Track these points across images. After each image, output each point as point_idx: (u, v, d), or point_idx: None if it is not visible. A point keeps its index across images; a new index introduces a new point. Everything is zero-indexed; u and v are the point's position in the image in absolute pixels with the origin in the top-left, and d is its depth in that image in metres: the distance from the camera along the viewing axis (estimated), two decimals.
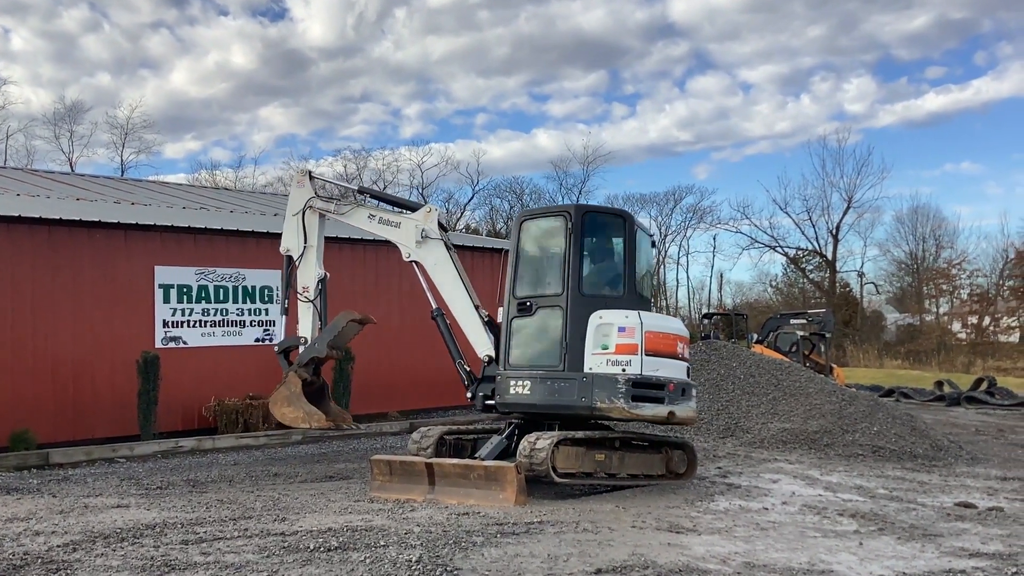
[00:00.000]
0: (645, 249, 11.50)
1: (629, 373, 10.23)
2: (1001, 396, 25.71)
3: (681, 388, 10.64)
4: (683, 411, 10.63)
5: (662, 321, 11.15)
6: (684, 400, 10.68)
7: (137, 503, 10.04)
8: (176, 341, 16.39)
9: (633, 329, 10.35)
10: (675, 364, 10.75)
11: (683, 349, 10.94)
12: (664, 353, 10.56)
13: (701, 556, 7.43)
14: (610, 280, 11.07)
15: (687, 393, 10.75)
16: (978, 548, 8.10)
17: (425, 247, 12.10)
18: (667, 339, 10.66)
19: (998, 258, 53.59)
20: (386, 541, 7.65)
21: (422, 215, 12.22)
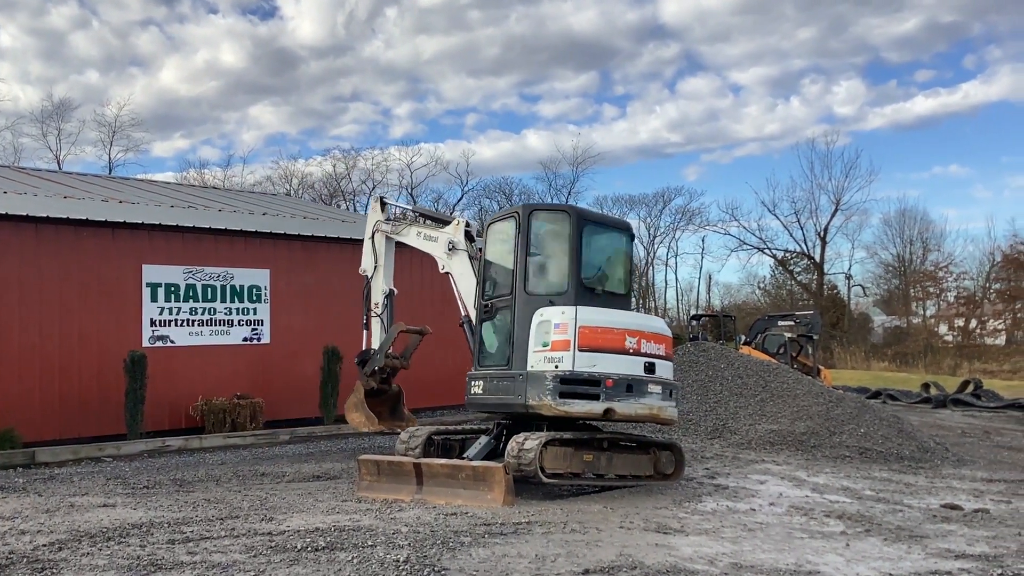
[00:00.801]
0: (603, 244, 11.34)
1: (560, 369, 10.21)
2: (987, 398, 25.86)
3: (626, 384, 10.36)
4: (626, 408, 10.33)
5: (606, 316, 10.65)
6: (630, 396, 10.36)
7: (124, 502, 9.99)
8: (163, 340, 16.33)
9: (566, 325, 10.34)
10: (619, 359, 10.45)
11: (636, 344, 10.57)
12: (604, 348, 10.39)
13: (688, 557, 7.44)
14: (556, 277, 11.03)
15: (637, 389, 10.43)
16: (964, 549, 8.14)
17: (454, 258, 12.51)
18: (607, 334, 10.46)
19: (985, 261, 53.94)
20: (374, 541, 7.64)
21: (452, 228, 12.67)
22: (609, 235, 11.47)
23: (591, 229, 11.11)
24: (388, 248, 13.96)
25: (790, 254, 58.27)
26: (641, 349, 10.66)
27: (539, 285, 10.97)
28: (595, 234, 11.18)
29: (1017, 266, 49.71)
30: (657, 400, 10.70)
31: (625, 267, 11.55)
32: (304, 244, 18.50)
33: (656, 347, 10.87)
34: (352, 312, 18.91)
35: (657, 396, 10.72)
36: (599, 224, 11.41)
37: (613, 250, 11.50)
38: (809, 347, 26.85)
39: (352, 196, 64.48)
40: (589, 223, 11.15)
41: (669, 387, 10.94)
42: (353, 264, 19.25)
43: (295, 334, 18.05)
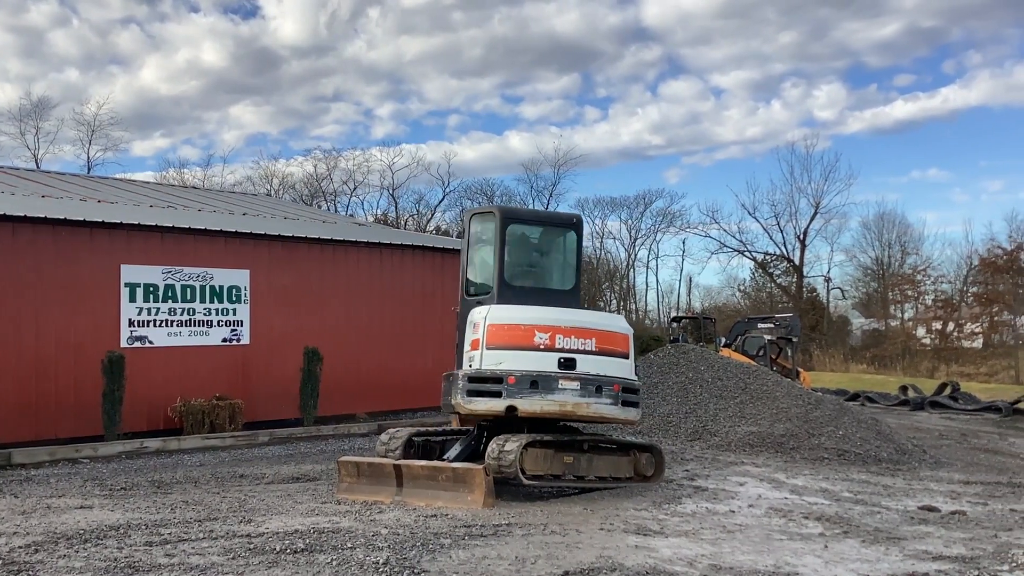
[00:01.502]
0: (537, 241, 11.31)
1: (472, 368, 10.43)
2: (964, 401, 26.06)
3: (530, 380, 10.26)
4: (529, 405, 10.22)
5: (519, 313, 10.56)
6: (535, 393, 10.24)
7: (101, 504, 9.93)
8: (142, 341, 16.21)
9: (478, 324, 10.55)
10: (527, 356, 10.38)
11: (548, 339, 10.39)
12: (510, 345, 10.37)
13: (668, 558, 7.46)
14: (485, 278, 11.17)
15: (544, 385, 10.27)
16: (941, 551, 8.20)
17: None
18: (514, 331, 10.42)
19: (962, 265, 54.22)
20: (353, 543, 7.62)
21: None
22: (545, 232, 11.43)
23: (519, 227, 11.19)
24: None
25: (770, 257, 58.52)
26: (555, 344, 10.45)
27: (473, 287, 11.27)
28: (525, 232, 11.24)
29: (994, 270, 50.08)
30: (573, 396, 10.37)
31: (567, 262, 11.33)
32: (284, 244, 18.43)
33: (580, 342, 10.53)
34: (333, 312, 18.91)
35: (573, 392, 10.37)
36: (531, 222, 11.47)
37: (551, 246, 11.40)
38: (788, 349, 26.98)
39: (333, 196, 64.24)
40: (515, 222, 11.24)
41: (595, 383, 10.45)
42: (334, 264, 19.27)
43: (275, 335, 17.97)
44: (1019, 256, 50.05)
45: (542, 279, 11.35)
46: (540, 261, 11.39)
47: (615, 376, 10.68)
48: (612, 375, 10.65)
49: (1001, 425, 22.29)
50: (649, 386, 17.39)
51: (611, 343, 10.75)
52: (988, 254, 50.97)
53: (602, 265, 64.04)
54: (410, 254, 20.70)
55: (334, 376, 18.07)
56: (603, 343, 10.69)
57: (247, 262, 17.73)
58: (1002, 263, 49.30)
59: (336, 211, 58.83)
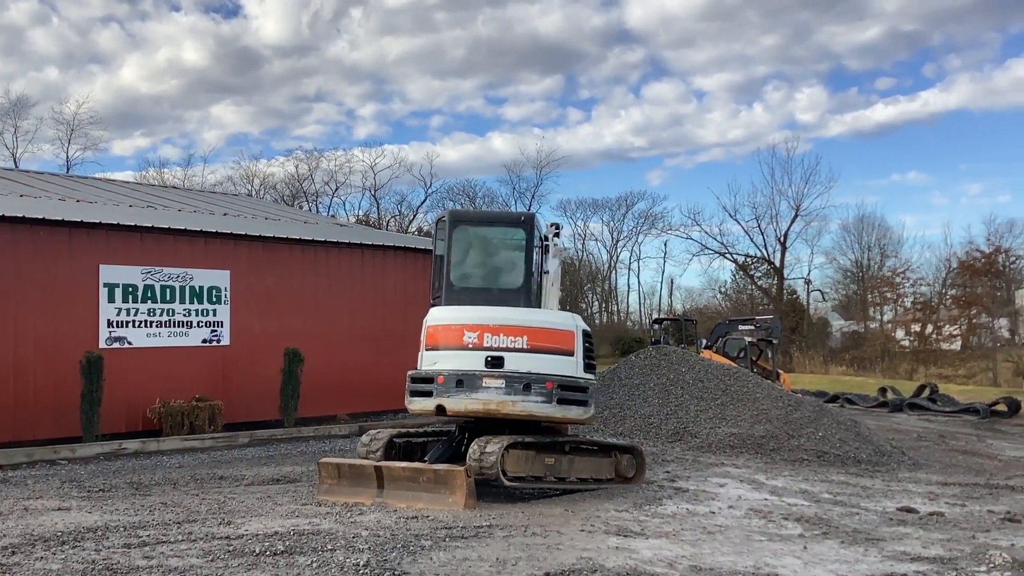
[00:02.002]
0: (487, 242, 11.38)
1: (414, 369, 10.83)
2: (943, 403, 26.24)
3: (456, 379, 10.39)
4: (455, 403, 10.37)
5: (455, 313, 10.77)
6: (460, 392, 10.37)
7: (79, 506, 9.85)
8: (121, 341, 16.10)
9: (423, 326, 10.92)
10: (456, 355, 10.52)
11: (477, 338, 10.50)
12: (443, 345, 10.61)
13: (648, 560, 7.48)
14: (438, 281, 11.31)
15: (469, 384, 10.36)
16: (919, 552, 8.25)
17: None
18: (448, 331, 10.59)
19: (941, 267, 54.67)
20: (333, 545, 7.59)
21: None
22: (496, 232, 11.42)
23: (468, 229, 11.31)
24: None
25: (751, 259, 58.74)
26: (483, 343, 10.50)
27: (432, 289, 11.49)
28: (475, 233, 11.31)
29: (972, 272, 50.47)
30: (498, 394, 10.37)
31: (515, 261, 11.20)
32: (265, 245, 18.35)
33: (509, 340, 10.51)
34: (314, 314, 18.84)
35: (498, 390, 10.37)
36: (479, 223, 11.53)
37: (501, 246, 11.37)
38: (769, 351, 27.08)
39: (315, 197, 64.06)
40: (462, 224, 11.37)
41: (523, 381, 10.40)
42: (315, 265, 19.20)
43: (255, 336, 17.89)
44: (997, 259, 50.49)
45: (490, 279, 11.32)
46: (489, 261, 11.40)
47: (550, 374, 10.47)
48: (547, 372, 10.46)
49: (979, 427, 22.47)
50: (630, 387, 17.43)
51: (547, 340, 10.58)
52: (967, 257, 51.38)
53: (584, 267, 64.19)
54: (392, 255, 20.66)
55: (315, 377, 17.99)
56: (537, 340, 10.56)
57: (227, 263, 17.64)
58: (980, 266, 49.71)
59: (318, 212, 58.65)
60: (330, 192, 64.72)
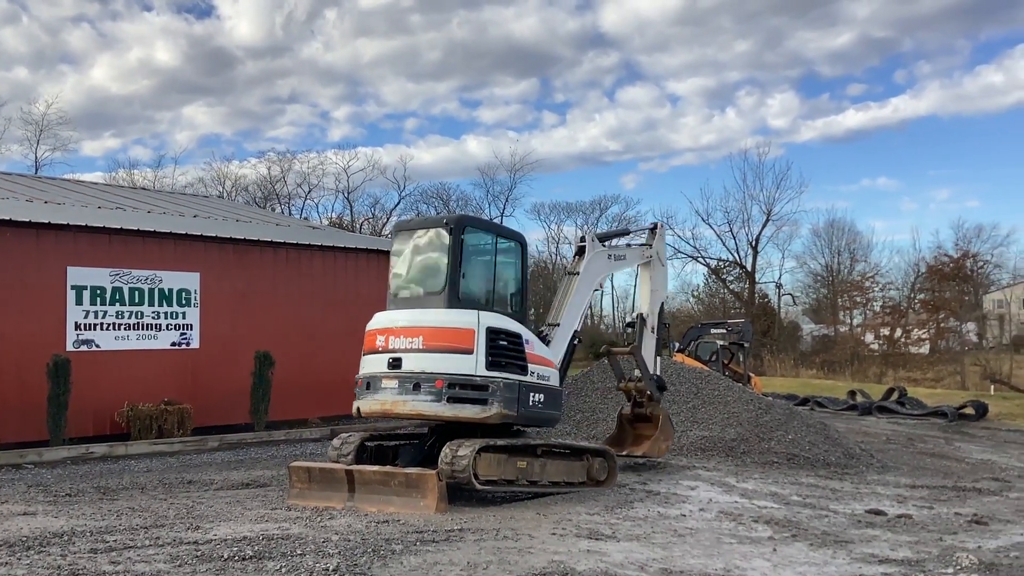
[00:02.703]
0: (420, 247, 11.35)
1: None
2: (911, 406, 26.51)
3: (366, 382, 10.79)
4: (364, 405, 10.76)
5: (381, 317, 11.16)
6: (368, 394, 10.71)
7: (45, 510, 9.73)
8: (88, 344, 15.92)
9: None
10: (371, 358, 10.90)
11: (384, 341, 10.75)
12: (366, 351, 11.02)
13: (619, 563, 7.48)
14: None
15: (373, 386, 10.67)
16: (887, 554, 8.31)
17: None
18: (369, 336, 11.03)
19: (910, 272, 55.30)
20: (303, 550, 7.54)
21: None
22: (427, 236, 11.34)
23: (405, 237, 11.44)
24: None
25: (723, 263, 59.06)
26: (388, 346, 10.75)
27: None
28: (411, 240, 11.36)
29: (941, 277, 51.10)
30: (392, 395, 10.49)
31: (439, 264, 11.00)
32: (236, 247, 18.22)
33: (407, 341, 10.60)
34: (285, 316, 18.72)
35: (392, 391, 10.49)
36: (415, 229, 11.54)
37: (429, 251, 11.32)
38: (740, 355, 27.24)
39: (287, 199, 63.71)
40: (402, 232, 11.60)
41: (412, 380, 10.41)
42: (287, 268, 19.08)
43: (226, 339, 17.74)
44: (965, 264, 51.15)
45: (419, 284, 11.31)
46: (420, 266, 11.32)
47: (442, 372, 10.39)
48: (440, 371, 10.39)
49: (947, 430, 22.71)
50: (603, 391, 17.46)
51: (443, 339, 10.49)
52: (935, 262, 52.05)
53: (557, 270, 64.23)
54: (364, 257, 20.57)
55: (286, 380, 17.87)
56: (432, 340, 10.52)
57: (197, 265, 17.49)
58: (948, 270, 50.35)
59: (290, 214, 58.33)
60: (303, 194, 64.44)
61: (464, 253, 10.84)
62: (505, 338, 10.68)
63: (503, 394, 10.37)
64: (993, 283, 57.18)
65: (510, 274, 11.61)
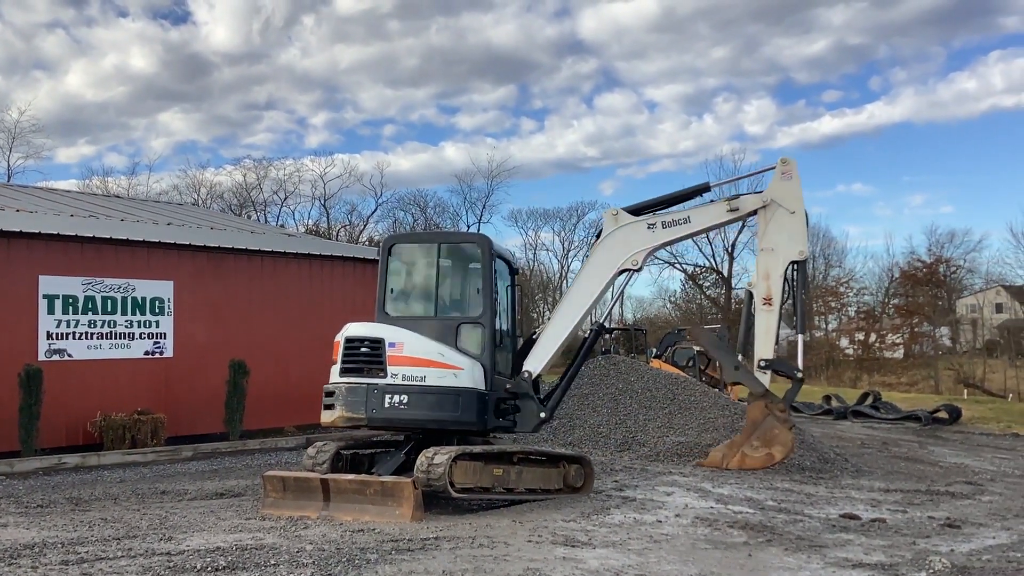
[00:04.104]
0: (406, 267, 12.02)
1: None
2: (885, 410, 26.73)
3: (326, 393, 11.04)
4: (324, 417, 10.98)
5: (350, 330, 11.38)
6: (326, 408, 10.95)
7: (16, 522, 9.62)
8: (60, 353, 15.77)
9: None
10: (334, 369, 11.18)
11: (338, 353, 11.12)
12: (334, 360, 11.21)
13: (595, 569, 7.48)
14: None
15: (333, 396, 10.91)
16: (861, 559, 8.36)
17: None
18: (336, 346, 11.23)
19: (884, 277, 55.86)
20: (277, 560, 7.49)
21: None
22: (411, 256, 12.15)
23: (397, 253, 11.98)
24: None
25: (700, 269, 59.40)
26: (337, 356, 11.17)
27: None
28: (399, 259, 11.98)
29: (914, 282, 51.57)
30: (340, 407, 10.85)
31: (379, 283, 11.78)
32: (210, 255, 18.11)
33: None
34: (260, 325, 18.61)
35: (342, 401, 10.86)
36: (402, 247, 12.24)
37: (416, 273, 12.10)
38: (717, 361, 27.33)
39: (263, 207, 63.46)
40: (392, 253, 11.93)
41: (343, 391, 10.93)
42: (262, 276, 18.97)
43: (200, 348, 17.62)
44: (938, 269, 51.63)
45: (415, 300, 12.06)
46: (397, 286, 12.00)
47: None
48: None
49: (921, 434, 22.90)
50: (579, 397, 17.49)
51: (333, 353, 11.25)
52: (908, 267, 52.54)
53: (535, 277, 64.33)
54: (340, 265, 20.50)
55: (261, 389, 17.77)
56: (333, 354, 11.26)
57: (171, 273, 17.38)
58: (922, 276, 50.83)
59: (266, 221, 58.10)
60: (279, 201, 64.22)
61: (390, 271, 11.64)
62: (365, 344, 11.07)
63: (347, 398, 10.78)
64: (966, 288, 57.80)
65: (459, 280, 11.94)
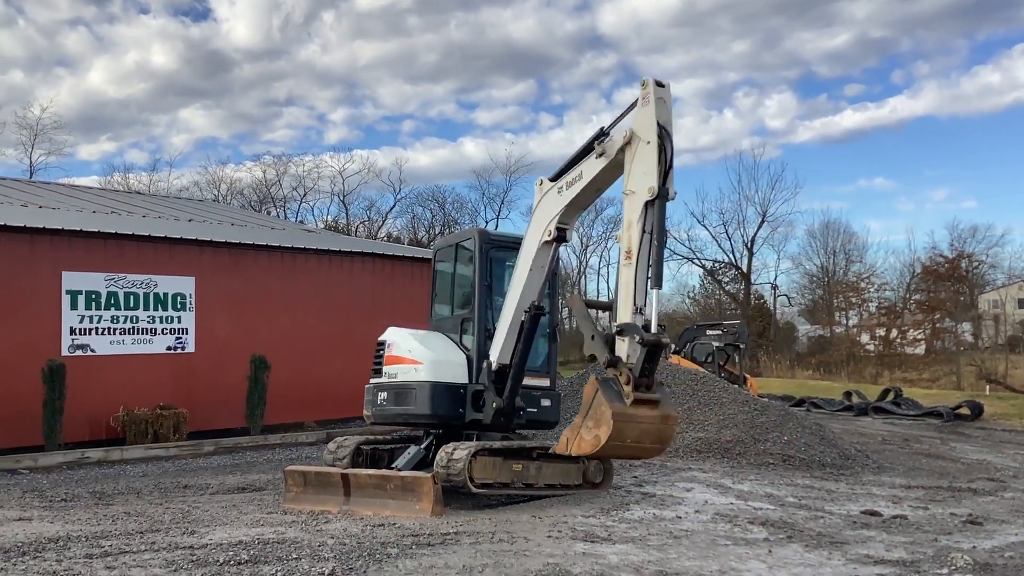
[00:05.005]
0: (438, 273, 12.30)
1: None
2: (907, 406, 26.55)
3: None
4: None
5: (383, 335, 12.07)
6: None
7: (40, 516, 9.71)
8: (84, 349, 15.91)
9: None
10: None
11: None
12: None
13: (615, 565, 7.48)
14: None
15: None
16: (883, 555, 8.32)
17: None
18: None
19: (905, 272, 55.44)
20: (299, 554, 7.53)
21: None
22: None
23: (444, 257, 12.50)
24: None
25: (718, 264, 59.07)
26: None
27: None
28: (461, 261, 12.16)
29: (936, 277, 51.11)
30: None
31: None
32: (231, 251, 18.22)
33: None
34: (281, 320, 18.71)
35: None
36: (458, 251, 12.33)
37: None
38: (736, 356, 27.27)
39: (283, 203, 63.70)
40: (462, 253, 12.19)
41: None
42: (282, 271, 19.06)
43: (221, 343, 17.74)
44: (960, 264, 51.18)
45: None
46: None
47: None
48: None
49: (942, 430, 22.75)
50: None
51: None
52: (930, 262, 52.06)
53: None
54: (359, 261, 20.58)
55: (282, 384, 17.87)
56: None
57: (192, 269, 17.50)
58: (944, 271, 50.35)
59: (285, 217, 58.32)
60: (298, 197, 64.44)
61: (434, 278, 12.24)
62: (377, 347, 11.95)
63: (366, 397, 11.82)
64: (988, 283, 57.31)
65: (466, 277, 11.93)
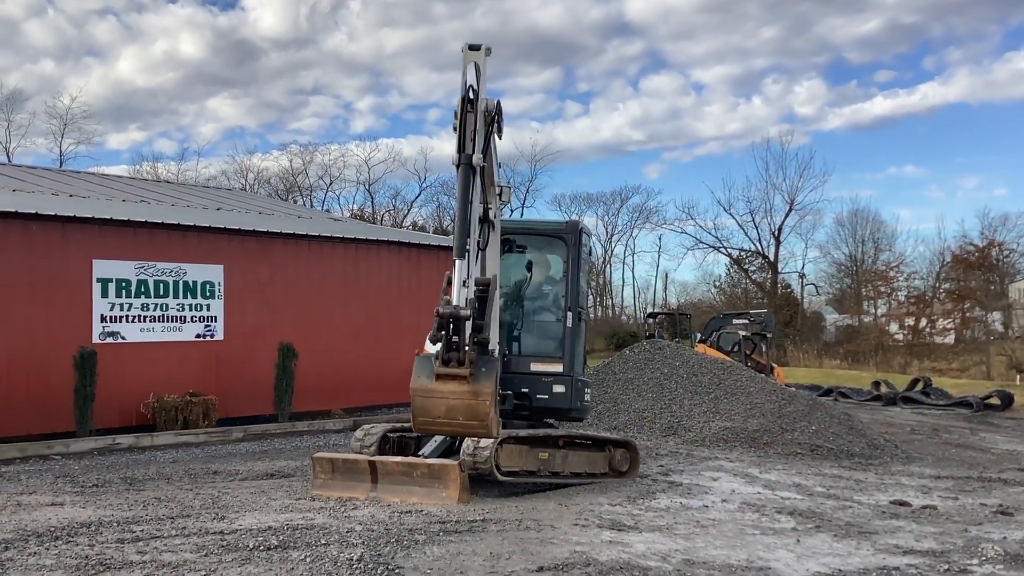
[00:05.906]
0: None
1: None
2: (936, 396, 26.35)
3: None
4: None
5: None
6: None
7: (72, 501, 9.83)
8: (114, 336, 16.08)
9: None
10: None
11: None
12: None
13: (642, 553, 7.49)
14: None
15: None
16: (912, 545, 8.28)
17: None
18: None
19: (935, 261, 54.88)
20: (327, 540, 7.59)
21: None
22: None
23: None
24: None
25: (745, 253, 58.76)
26: None
27: None
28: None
29: (966, 266, 50.59)
30: None
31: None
32: (259, 239, 18.33)
33: None
34: (308, 308, 18.83)
35: None
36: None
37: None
38: (763, 345, 27.16)
39: (309, 191, 64.02)
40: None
41: None
42: (309, 260, 19.17)
43: (249, 331, 17.88)
44: (990, 253, 50.62)
45: None
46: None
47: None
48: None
49: (972, 420, 22.54)
50: (624, 382, 17.47)
51: None
52: (960, 251, 51.52)
53: None
54: (386, 250, 20.65)
55: (309, 372, 17.99)
56: None
57: (221, 257, 17.63)
58: (974, 260, 49.84)
59: (312, 206, 58.60)
60: (324, 186, 64.73)
61: None
62: None
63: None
64: (1019, 272, 56.63)
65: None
